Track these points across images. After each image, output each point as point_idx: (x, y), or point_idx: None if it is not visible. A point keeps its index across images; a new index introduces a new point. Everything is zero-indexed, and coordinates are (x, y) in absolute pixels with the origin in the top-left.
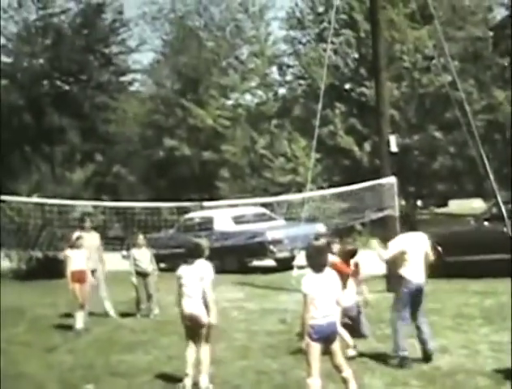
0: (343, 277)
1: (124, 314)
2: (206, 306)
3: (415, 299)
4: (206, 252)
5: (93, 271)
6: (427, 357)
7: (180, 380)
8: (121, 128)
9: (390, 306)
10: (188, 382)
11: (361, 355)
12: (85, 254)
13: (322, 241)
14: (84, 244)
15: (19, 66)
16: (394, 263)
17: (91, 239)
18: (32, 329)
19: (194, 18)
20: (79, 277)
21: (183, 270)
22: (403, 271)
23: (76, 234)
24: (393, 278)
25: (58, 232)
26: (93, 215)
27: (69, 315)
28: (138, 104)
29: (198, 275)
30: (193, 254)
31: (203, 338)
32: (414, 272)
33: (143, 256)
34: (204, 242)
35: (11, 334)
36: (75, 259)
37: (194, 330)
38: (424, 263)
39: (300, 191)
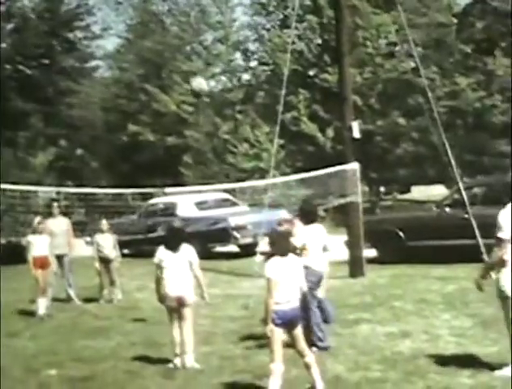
0: None
1: (87, 300)
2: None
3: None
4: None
5: (62, 256)
6: None
7: (142, 366)
8: (84, 112)
9: (352, 292)
10: (178, 362)
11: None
12: (47, 239)
13: (286, 226)
14: (52, 229)
15: None
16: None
17: (59, 224)
18: None
19: (157, 2)
20: (42, 263)
21: (164, 253)
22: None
23: (37, 219)
24: None
25: (21, 218)
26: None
27: (32, 301)
28: (101, 89)
29: (185, 259)
30: (175, 237)
31: (187, 318)
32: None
33: (107, 242)
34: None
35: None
36: (37, 245)
37: (179, 311)
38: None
39: (263, 177)
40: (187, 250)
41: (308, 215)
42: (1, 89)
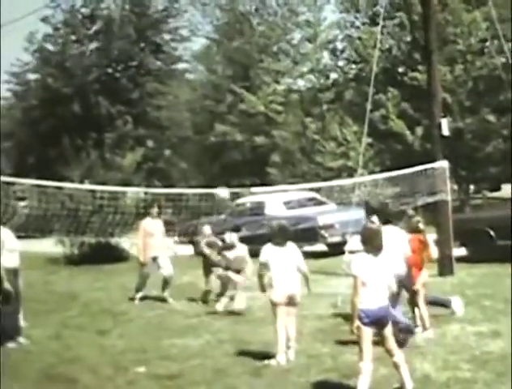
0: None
1: (176, 298)
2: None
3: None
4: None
5: (157, 257)
6: None
7: (230, 364)
8: (172, 114)
9: (441, 291)
10: (283, 358)
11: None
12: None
13: (377, 224)
14: (149, 230)
15: (67, 54)
16: None
17: (156, 225)
18: (84, 313)
19: (245, 2)
20: None
21: (271, 252)
22: None
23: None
24: None
25: (109, 218)
26: (144, 201)
27: (120, 300)
28: (189, 91)
29: (291, 256)
30: (280, 236)
31: (294, 315)
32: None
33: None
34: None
35: (65, 317)
36: None
37: (287, 310)
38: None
39: (351, 176)
40: (293, 248)
41: (378, 214)
42: (88, 92)
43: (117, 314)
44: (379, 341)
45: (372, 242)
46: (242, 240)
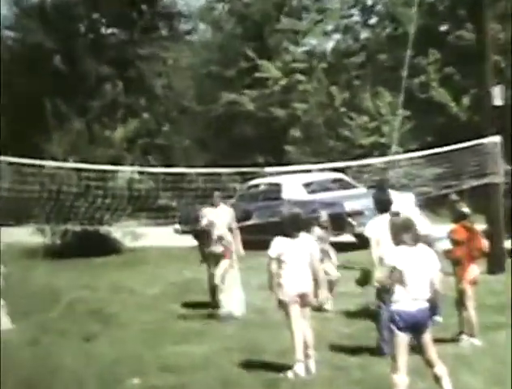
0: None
1: (176, 299)
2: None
3: None
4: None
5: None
6: None
7: (240, 374)
8: (171, 80)
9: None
10: (301, 368)
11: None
12: None
13: (405, 215)
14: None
15: (51, 5)
16: None
17: (221, 215)
18: (68, 315)
19: None
20: None
21: (283, 245)
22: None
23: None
24: None
25: (98, 202)
26: (139, 182)
27: (111, 300)
28: (191, 53)
29: (305, 249)
30: (295, 226)
31: (307, 318)
32: None
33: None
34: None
35: (44, 320)
36: None
37: (301, 311)
38: None
39: (384, 154)
40: (308, 240)
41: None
42: (73, 49)
43: (107, 316)
44: (416, 349)
45: (401, 233)
46: (253, 229)
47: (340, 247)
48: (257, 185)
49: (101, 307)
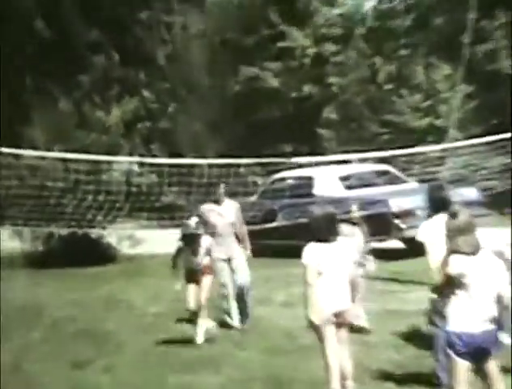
0: None
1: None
2: None
3: None
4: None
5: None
6: None
7: None
8: (178, 50)
9: None
10: None
11: None
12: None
13: (465, 216)
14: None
15: None
16: None
17: (224, 214)
18: (53, 336)
19: None
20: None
21: (319, 252)
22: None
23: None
24: None
25: (89, 200)
26: (138, 176)
27: (105, 318)
28: (202, 17)
29: (345, 257)
30: (329, 229)
31: (345, 341)
32: None
33: None
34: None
35: (26, 341)
36: None
37: (337, 333)
38: None
39: (440, 141)
40: (346, 246)
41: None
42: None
43: (101, 338)
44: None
45: (459, 239)
46: (278, 232)
47: (386, 255)
48: (283, 179)
49: (93, 327)
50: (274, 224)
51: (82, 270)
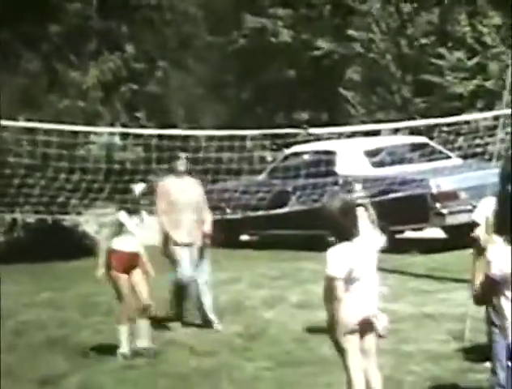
0: None
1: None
2: None
3: None
4: None
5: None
6: None
7: None
8: None
9: None
10: None
11: None
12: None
13: None
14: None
15: None
16: None
17: (188, 191)
18: (18, 346)
19: None
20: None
21: (344, 257)
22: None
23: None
24: None
25: (60, 179)
26: (121, 150)
27: (82, 324)
28: None
29: (372, 253)
30: (353, 223)
31: (373, 352)
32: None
33: None
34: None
35: None
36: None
37: (362, 343)
38: None
39: (490, 108)
40: (374, 240)
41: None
42: None
43: (76, 347)
44: None
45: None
46: (291, 219)
47: (422, 246)
48: (297, 154)
49: (67, 334)
50: (286, 210)
51: (52, 265)
